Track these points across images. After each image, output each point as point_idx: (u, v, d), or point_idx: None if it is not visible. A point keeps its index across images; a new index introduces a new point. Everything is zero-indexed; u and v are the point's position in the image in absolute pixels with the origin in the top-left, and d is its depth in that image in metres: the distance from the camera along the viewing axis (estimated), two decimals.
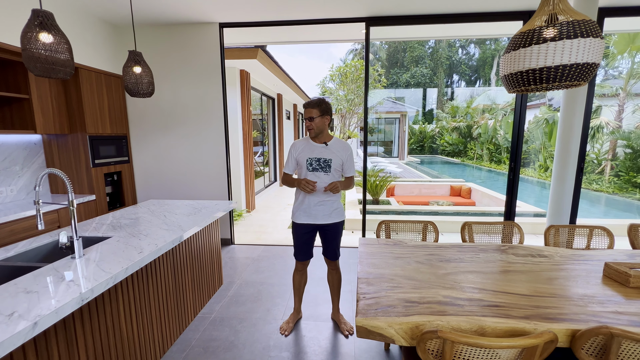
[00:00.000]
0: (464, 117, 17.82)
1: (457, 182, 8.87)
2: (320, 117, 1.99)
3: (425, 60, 26.49)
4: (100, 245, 1.65)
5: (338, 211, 2.12)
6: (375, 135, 18.65)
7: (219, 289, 2.80)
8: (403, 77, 26.41)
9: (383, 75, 11.70)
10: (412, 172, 11.89)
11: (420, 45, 26.85)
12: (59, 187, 3.25)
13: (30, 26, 1.55)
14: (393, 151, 18.33)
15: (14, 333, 0.92)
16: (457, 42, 27.32)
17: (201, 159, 3.79)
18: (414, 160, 17.23)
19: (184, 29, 3.55)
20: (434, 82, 26.10)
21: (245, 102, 5.70)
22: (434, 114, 22.74)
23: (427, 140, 20.16)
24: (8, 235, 2.34)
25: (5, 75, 2.72)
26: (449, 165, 16.51)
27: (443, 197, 8.09)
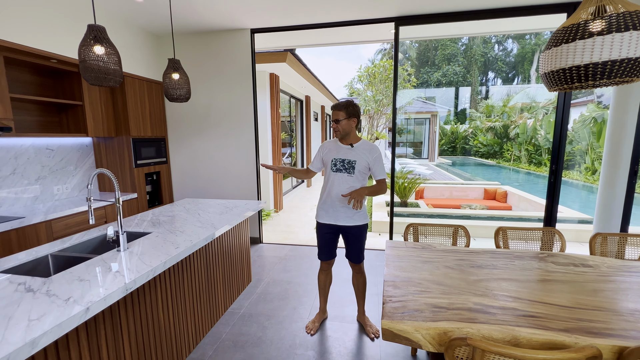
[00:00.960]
0: (499, 116, 16.90)
1: (491, 184, 8.44)
2: (346, 120, 2.00)
3: (458, 58, 25.49)
4: (141, 240, 1.79)
5: (361, 214, 2.08)
6: (404, 136, 18.24)
7: (248, 286, 2.89)
8: (434, 76, 25.61)
9: (413, 75, 11.43)
10: (443, 174, 11.48)
11: (453, 43, 25.89)
12: (106, 185, 3.53)
13: (87, 40, 1.71)
14: (423, 152, 17.82)
15: (71, 316, 1.02)
16: (493, 37, 26.00)
17: (232, 160, 3.94)
18: (445, 162, 16.62)
19: (218, 36, 3.73)
20: (467, 80, 25.03)
21: (274, 104, 5.84)
22: (467, 113, 21.79)
23: (459, 141, 19.37)
24: (64, 229, 2.59)
25: (63, 84, 3.01)
26: (483, 167, 15.73)
27: (476, 200, 7.73)
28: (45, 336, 0.94)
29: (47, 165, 2.99)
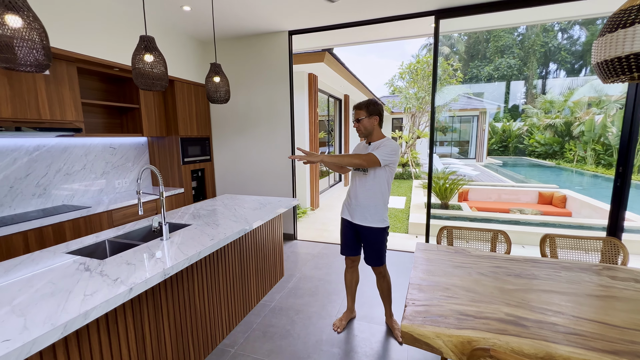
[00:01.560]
0: (560, 112, 15.22)
1: (548, 188, 7.65)
2: (367, 118, 1.99)
3: (513, 50, 23.44)
4: (182, 231, 1.95)
5: (375, 216, 2.01)
6: (449, 134, 17.28)
7: (280, 280, 2.99)
8: (484, 70, 23.85)
9: (459, 70, 10.78)
10: (491, 176, 10.68)
11: (507, 34, 23.86)
12: (158, 180, 3.89)
13: (139, 49, 1.90)
14: (469, 152, 16.73)
15: (117, 294, 1.16)
16: (556, 25, 23.44)
17: (269, 158, 4.09)
18: (495, 163, 15.43)
19: (257, 40, 3.89)
20: (524, 73, 22.89)
21: (313, 104, 5.92)
22: (520, 109, 19.96)
23: (512, 140, 17.85)
24: (121, 218, 2.92)
25: (124, 90, 3.38)
26: (540, 169, 14.31)
27: (528, 204, 7.07)
28: (95, 310, 1.08)
29: (110, 162, 3.38)
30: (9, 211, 2.55)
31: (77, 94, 2.71)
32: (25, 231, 2.24)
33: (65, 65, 2.62)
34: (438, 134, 17.58)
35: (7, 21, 1.27)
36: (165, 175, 3.83)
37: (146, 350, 1.51)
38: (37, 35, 1.35)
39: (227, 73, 4.09)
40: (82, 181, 3.10)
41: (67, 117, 2.64)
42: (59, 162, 2.90)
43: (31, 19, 1.33)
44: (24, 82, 2.35)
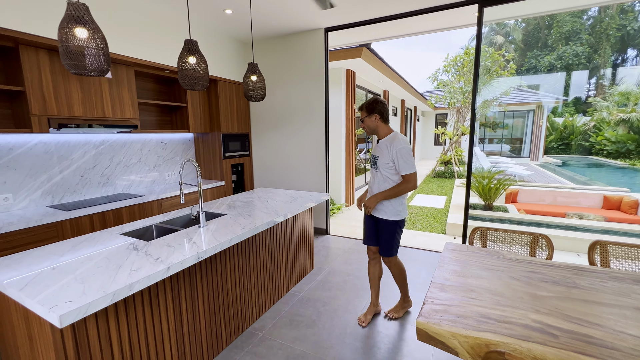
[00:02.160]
0: (637, 105, 13.25)
1: (616, 191, 6.77)
2: (367, 117, 2.10)
3: (581, 36, 20.88)
4: (218, 220, 2.11)
5: (389, 209, 2.11)
6: (499, 131, 16.00)
7: (310, 272, 3.08)
8: (545, 60, 21.60)
9: (513, 60, 9.92)
10: (547, 176, 9.71)
11: (574, 18, 21.31)
12: (203, 174, 4.20)
13: (184, 52, 2.08)
14: (523, 150, 15.35)
15: (156, 271, 1.32)
16: (637, 4, 20.38)
17: (304, 154, 4.19)
18: (553, 162, 13.98)
19: (293, 38, 3.99)
20: (594, 61, 20.30)
21: (350, 100, 5.91)
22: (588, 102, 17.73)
23: (575, 137, 16.00)
24: (169, 206, 3.22)
25: (173, 90, 3.70)
26: (609, 170, 12.66)
27: (590, 209, 6.33)
28: (138, 283, 1.24)
29: (162, 156, 3.73)
30: (79, 197, 2.96)
31: (134, 94, 3.04)
32: (92, 214, 2.59)
33: (124, 69, 2.95)
34: (487, 130, 16.40)
35: (76, 33, 1.48)
36: (208, 169, 4.13)
37: (183, 325, 1.67)
38: (99, 44, 1.56)
39: (265, 71, 4.26)
40: (138, 173, 3.47)
41: (125, 115, 2.98)
42: (120, 155, 3.28)
43: (94, 30, 1.54)
44: (92, 85, 2.70)
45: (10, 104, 2.46)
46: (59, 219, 2.38)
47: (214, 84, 3.86)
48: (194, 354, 1.76)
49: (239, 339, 2.08)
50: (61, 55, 1.47)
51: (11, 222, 2.19)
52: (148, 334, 1.48)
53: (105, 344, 1.29)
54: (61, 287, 1.17)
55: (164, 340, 1.56)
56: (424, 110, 16.64)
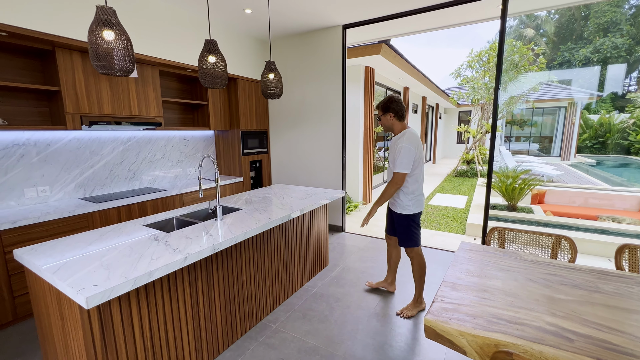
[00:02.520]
0: None
1: None
2: (383, 116, 2.26)
3: (621, 27, 19.47)
4: (234, 214, 2.18)
5: (399, 204, 2.27)
6: (527, 129, 15.26)
7: (324, 268, 3.10)
8: (580, 53, 20.32)
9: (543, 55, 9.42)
10: (579, 177, 9.17)
11: (614, 8, 19.89)
12: (223, 170, 4.33)
13: (204, 52, 2.15)
14: (553, 149, 14.57)
15: (174, 260, 1.39)
16: None
17: (320, 151, 4.21)
18: (586, 162, 13.18)
19: (311, 36, 4.01)
20: (636, 54, 18.86)
21: (369, 98, 5.86)
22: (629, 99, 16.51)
23: (611, 136, 14.98)
24: (190, 201, 3.35)
25: (195, 89, 3.84)
26: None
27: (625, 212, 5.93)
28: (157, 271, 1.31)
29: (184, 152, 3.88)
30: (108, 190, 3.14)
31: (158, 93, 3.18)
32: (119, 207, 2.75)
33: (150, 69, 3.09)
34: (514, 128, 15.71)
35: (104, 35, 1.57)
36: (227, 165, 4.25)
37: (199, 313, 1.75)
38: (125, 45, 1.65)
39: (283, 69, 4.31)
40: (161, 168, 3.63)
41: (150, 113, 3.12)
42: (145, 151, 3.45)
43: (121, 32, 1.63)
44: (120, 84, 2.85)
45: (48, 103, 2.65)
46: (90, 211, 2.54)
47: (234, 82, 3.96)
48: (210, 342, 1.84)
49: (253, 330, 2.14)
50: (91, 57, 1.57)
51: (48, 212, 2.37)
52: (167, 320, 1.56)
53: (127, 327, 1.38)
54: (89, 272, 1.27)
55: (181, 327, 1.65)
56: (446, 107, 16.18)
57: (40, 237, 2.26)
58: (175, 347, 1.62)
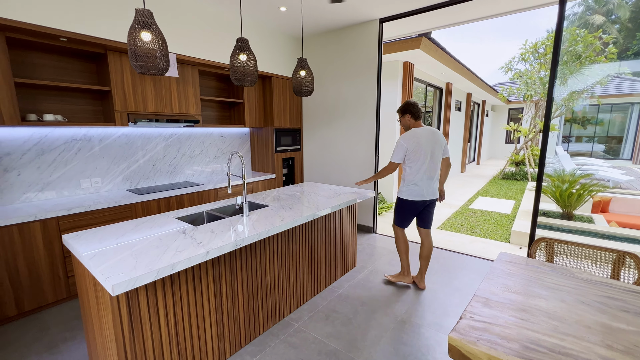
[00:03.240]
0: None
1: None
2: (402, 117, 2.61)
3: None
4: (260, 211, 2.19)
5: (399, 188, 2.68)
6: (591, 127, 13.58)
7: (351, 270, 3.03)
8: None
9: (613, 44, 8.29)
10: None
11: None
12: (256, 166, 4.43)
13: (235, 50, 2.19)
14: (622, 151, 12.83)
15: (196, 254, 1.42)
16: None
17: (353, 149, 4.12)
18: None
19: (346, 32, 3.92)
20: None
21: (407, 94, 5.62)
22: None
23: None
24: (225, 195, 3.47)
25: (232, 87, 3.96)
26: None
27: None
28: (180, 264, 1.35)
29: (220, 148, 4.04)
30: (151, 183, 3.37)
31: (197, 91, 3.33)
32: (159, 199, 2.93)
33: (190, 69, 3.24)
34: (574, 127, 14.13)
35: (142, 37, 1.66)
36: (261, 162, 4.34)
37: (222, 306, 1.79)
38: (161, 46, 1.73)
39: (317, 66, 4.28)
40: (199, 163, 3.81)
41: (190, 110, 3.28)
42: (185, 147, 3.64)
43: (157, 33, 1.71)
44: (163, 84, 3.03)
45: (101, 102, 2.90)
46: (133, 202, 2.74)
47: (269, 81, 4.02)
48: (232, 335, 1.88)
49: (276, 327, 2.15)
50: (130, 57, 1.67)
51: (99, 201, 2.60)
52: (191, 311, 1.62)
53: (153, 314, 1.45)
54: (119, 260, 1.34)
55: (204, 318, 1.69)
56: (494, 104, 15.03)
57: (90, 224, 2.49)
58: (199, 336, 1.68)
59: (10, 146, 2.46)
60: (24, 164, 2.54)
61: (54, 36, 2.33)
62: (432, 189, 2.54)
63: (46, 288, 2.33)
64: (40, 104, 2.56)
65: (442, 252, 3.50)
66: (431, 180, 2.52)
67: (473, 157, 13.19)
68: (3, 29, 2.13)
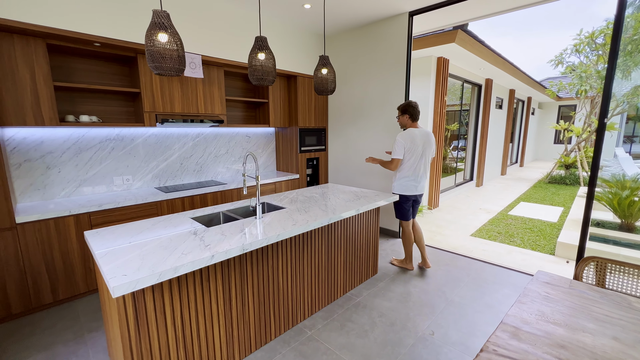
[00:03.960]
0: None
1: None
2: (401, 116, 2.88)
3: None
4: (275, 213, 2.14)
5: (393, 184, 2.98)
6: None
7: (372, 277, 2.88)
8: None
9: None
10: None
11: None
12: (281, 166, 4.42)
13: (254, 49, 2.15)
14: None
15: (201, 258, 1.39)
16: None
17: (379, 150, 3.95)
18: None
19: (373, 27, 3.75)
20: None
21: (441, 92, 5.30)
22: None
23: None
24: (248, 195, 3.49)
25: (257, 87, 3.97)
26: None
27: None
28: (183, 267, 1.33)
29: (246, 148, 4.08)
30: (178, 181, 3.48)
31: (222, 92, 3.37)
32: (184, 197, 3.00)
33: (215, 70, 3.29)
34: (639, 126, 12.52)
35: (159, 38, 1.67)
36: (285, 162, 4.31)
37: (232, 310, 1.76)
38: (178, 47, 1.73)
39: (343, 64, 4.16)
40: (225, 163, 3.87)
41: (215, 111, 3.33)
42: (211, 147, 3.72)
43: (173, 34, 1.71)
44: (189, 85, 3.10)
45: (132, 103, 3.03)
46: (159, 199, 2.83)
47: (294, 80, 3.98)
48: (242, 339, 1.84)
49: (288, 333, 2.09)
50: (147, 58, 1.69)
51: (129, 198, 2.72)
52: (198, 314, 1.60)
53: (160, 315, 1.45)
54: (126, 260, 1.35)
55: (213, 321, 1.67)
56: (541, 101, 13.80)
57: (118, 219, 2.60)
58: (206, 339, 1.66)
59: (52, 145, 2.65)
60: (63, 161, 2.73)
61: (89, 41, 2.46)
62: (422, 185, 2.91)
63: (78, 279, 2.48)
64: (78, 105, 2.73)
65: (474, 263, 3.22)
66: (423, 176, 2.88)
67: (516, 158, 12.21)
68: (44, 37, 2.29)
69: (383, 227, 4.10)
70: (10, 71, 2.20)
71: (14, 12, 2.11)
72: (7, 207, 2.14)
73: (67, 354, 1.90)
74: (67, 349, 1.94)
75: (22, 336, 2.06)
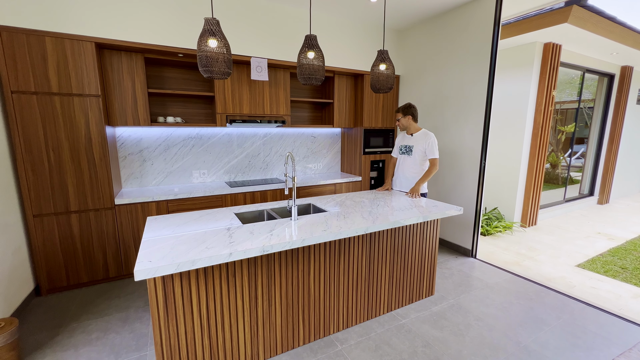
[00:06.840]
0: None
1: None
2: (403, 117, 2.85)
3: None
4: (312, 216, 2.07)
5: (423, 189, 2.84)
6: None
7: (425, 298, 2.54)
8: None
9: None
10: None
11: None
12: (345, 167, 4.33)
13: (303, 48, 2.13)
14: None
15: (219, 254, 1.43)
16: None
17: (452, 152, 3.47)
18: None
19: (449, 16, 3.30)
20: None
21: (548, 85, 4.34)
22: None
23: None
24: (305, 195, 3.52)
25: (325, 88, 3.97)
26: None
27: None
28: (200, 261, 1.38)
29: (310, 148, 4.13)
30: (246, 177, 3.75)
31: (288, 93, 3.49)
32: (245, 192, 3.22)
33: (282, 72, 3.42)
34: None
35: (209, 43, 1.80)
36: (349, 163, 4.20)
37: (257, 309, 1.77)
38: (225, 52, 1.83)
39: (414, 59, 3.83)
40: (289, 162, 4.01)
41: (280, 112, 3.47)
42: (277, 146, 3.90)
43: (223, 41, 1.82)
44: (257, 87, 3.30)
45: (209, 106, 3.40)
46: (224, 193, 3.11)
47: (361, 79, 3.83)
48: (267, 340, 1.84)
49: (317, 343, 2.00)
50: (198, 63, 1.84)
51: (200, 189, 3.07)
52: (223, 306, 1.66)
53: (186, 302, 1.55)
54: (158, 248, 1.49)
55: (237, 316, 1.71)
56: None
57: (189, 208, 2.95)
58: (230, 332, 1.71)
59: (147, 142, 3.19)
60: (155, 156, 3.25)
61: (174, 53, 2.85)
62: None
63: None
64: (167, 108, 3.21)
65: (572, 303, 2.51)
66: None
67: None
68: (142, 51, 2.76)
69: (452, 242, 3.59)
70: (119, 82, 2.72)
71: (121, 34, 2.60)
72: (109, 191, 2.67)
73: (135, 319, 2.24)
74: (136, 314, 2.29)
75: (111, 296, 2.54)
